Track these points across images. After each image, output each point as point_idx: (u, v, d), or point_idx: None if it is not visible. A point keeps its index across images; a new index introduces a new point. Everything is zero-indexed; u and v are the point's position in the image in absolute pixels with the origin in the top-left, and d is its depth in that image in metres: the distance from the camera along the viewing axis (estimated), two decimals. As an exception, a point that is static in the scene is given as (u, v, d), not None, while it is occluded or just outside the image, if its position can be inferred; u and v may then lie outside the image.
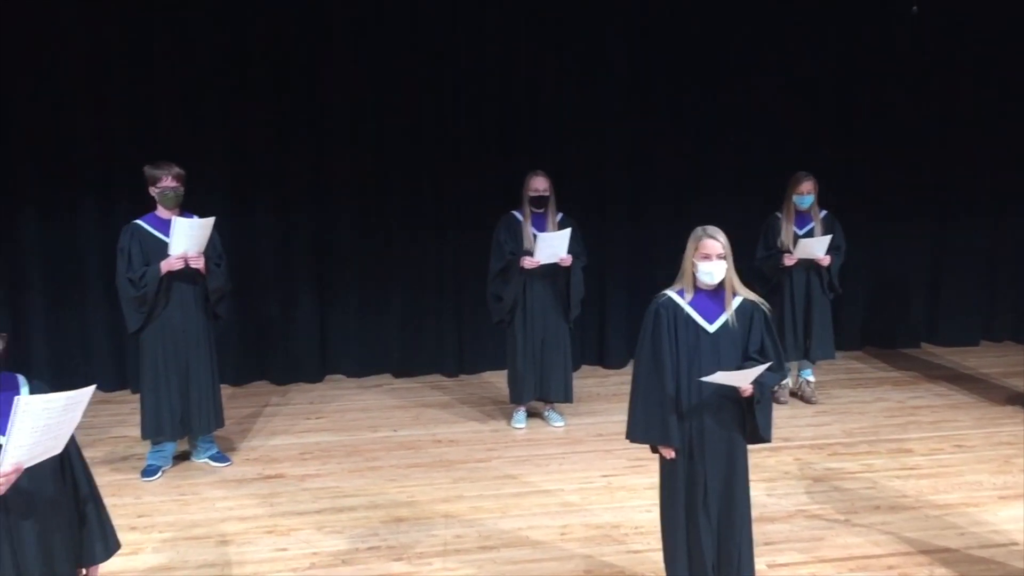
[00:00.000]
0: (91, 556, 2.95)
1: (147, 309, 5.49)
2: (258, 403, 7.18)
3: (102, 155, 7.14)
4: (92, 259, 7.20)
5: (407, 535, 4.93)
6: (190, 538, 4.90)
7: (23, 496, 2.66)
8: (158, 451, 5.77)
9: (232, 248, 6.21)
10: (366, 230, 7.62)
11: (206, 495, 5.46)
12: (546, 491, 5.48)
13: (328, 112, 7.43)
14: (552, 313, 6.40)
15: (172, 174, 5.47)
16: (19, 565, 2.68)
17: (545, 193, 6.28)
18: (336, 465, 5.92)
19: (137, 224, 5.52)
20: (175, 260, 5.41)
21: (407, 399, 7.26)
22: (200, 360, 5.66)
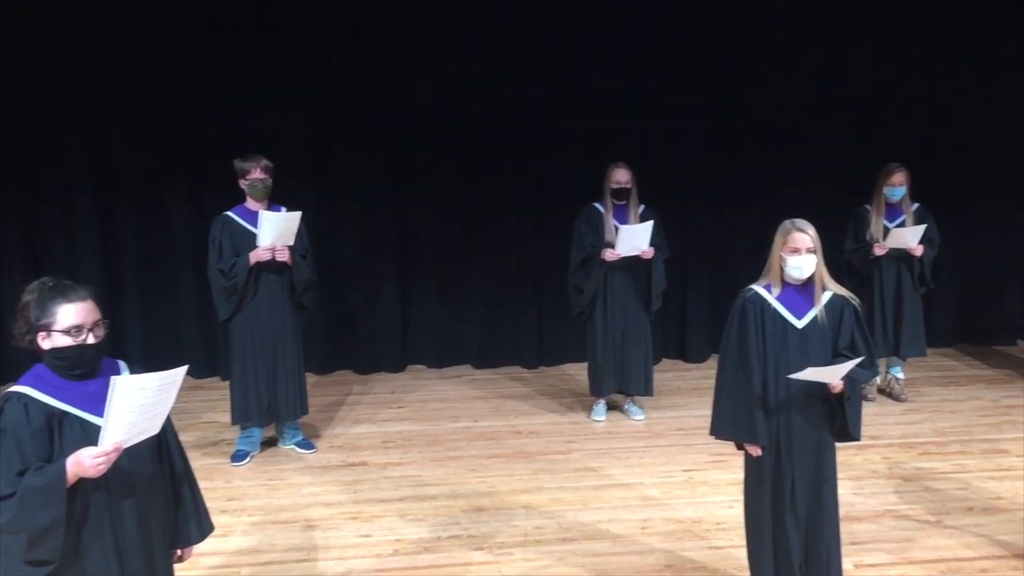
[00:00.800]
0: (186, 537, 3.05)
1: (236, 299, 5.64)
2: (341, 392, 7.31)
3: (195, 149, 7.34)
4: (184, 249, 7.42)
5: (488, 525, 4.97)
6: (277, 522, 5.02)
7: (123, 476, 2.76)
8: (247, 437, 5.92)
9: (317, 240, 6.32)
10: (448, 222, 7.68)
11: (292, 480, 5.59)
12: (626, 484, 5.46)
13: (410, 105, 7.50)
14: (633, 306, 6.36)
15: (260, 166, 5.59)
16: (119, 543, 2.78)
17: (627, 185, 6.24)
18: (417, 454, 6.00)
19: (227, 216, 5.67)
20: (263, 251, 5.54)
21: (487, 390, 7.30)
22: (287, 349, 5.78)
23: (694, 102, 7.64)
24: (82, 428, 2.72)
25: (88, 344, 2.77)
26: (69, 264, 7.12)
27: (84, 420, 2.73)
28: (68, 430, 2.72)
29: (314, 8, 7.25)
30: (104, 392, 2.70)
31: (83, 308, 2.78)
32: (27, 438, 2.65)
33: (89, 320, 2.78)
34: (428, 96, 7.50)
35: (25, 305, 2.80)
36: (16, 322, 2.81)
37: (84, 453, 2.60)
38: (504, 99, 7.54)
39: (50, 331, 2.75)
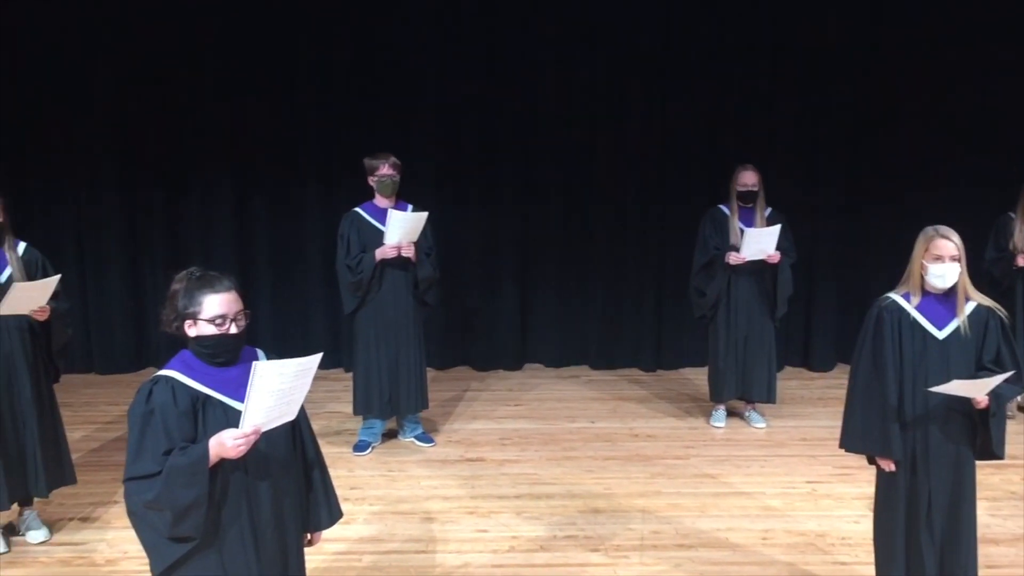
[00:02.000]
0: (316, 522, 3.14)
1: (362, 294, 5.78)
2: (459, 387, 7.40)
3: (325, 148, 7.56)
4: (313, 243, 7.65)
5: (604, 527, 4.95)
6: (397, 513, 5.13)
7: (260, 458, 2.86)
8: (368, 428, 6.07)
9: (441, 238, 6.41)
10: (569, 223, 7.68)
11: (412, 473, 5.69)
12: (746, 493, 5.35)
13: (536, 109, 7.54)
14: (757, 310, 6.22)
15: (389, 163, 5.72)
16: (255, 524, 2.88)
17: (754, 188, 6.10)
18: (534, 452, 6.02)
19: (356, 212, 5.81)
20: (389, 249, 5.66)
21: (604, 391, 7.27)
22: (409, 344, 5.90)
23: (825, 102, 7.42)
24: (224, 412, 2.84)
25: (230, 333, 2.88)
26: (206, 256, 7.44)
27: (226, 404, 2.85)
28: (211, 413, 2.83)
29: (444, 12, 7.36)
30: (244, 379, 2.81)
31: (227, 299, 2.89)
32: (173, 419, 2.78)
33: (232, 310, 2.89)
34: (553, 97, 7.52)
35: (174, 294, 2.93)
36: (165, 309, 2.95)
37: (226, 435, 2.71)
38: (629, 100, 7.49)
39: (196, 319, 2.87)
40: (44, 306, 4.56)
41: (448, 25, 7.43)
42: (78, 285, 7.48)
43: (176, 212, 7.72)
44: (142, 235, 7.74)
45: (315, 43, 7.45)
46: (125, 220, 7.69)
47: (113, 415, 6.77)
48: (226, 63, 7.47)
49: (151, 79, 7.43)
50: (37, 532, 4.83)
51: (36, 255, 4.74)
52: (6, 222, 4.58)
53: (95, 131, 7.51)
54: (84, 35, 7.36)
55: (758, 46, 7.42)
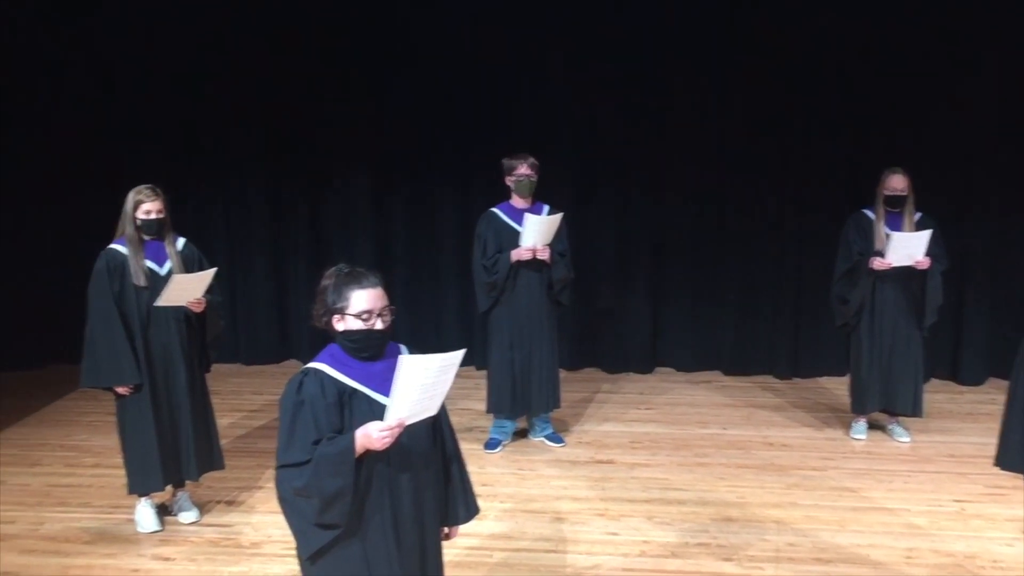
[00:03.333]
0: (454, 516, 3.20)
1: (496, 293, 5.85)
2: (590, 389, 7.39)
3: (463, 146, 7.69)
4: (448, 242, 7.79)
5: (737, 536, 4.85)
6: (527, 511, 5.16)
7: (402, 451, 2.93)
8: (500, 426, 6.13)
9: (575, 238, 6.42)
10: (704, 224, 7.56)
11: (542, 472, 5.72)
12: (888, 509, 5.14)
13: (671, 108, 7.46)
14: (903, 319, 5.97)
15: (527, 163, 5.77)
16: (396, 515, 2.95)
17: (903, 193, 5.85)
18: (665, 457, 5.96)
19: (493, 212, 5.89)
20: (524, 251, 5.71)
21: (737, 398, 7.12)
22: (542, 343, 5.93)
23: (983, 99, 7.04)
24: (369, 405, 2.92)
25: (376, 329, 2.96)
26: (345, 254, 7.67)
27: (371, 398, 2.93)
28: (357, 406, 2.92)
29: (587, 13, 7.38)
30: (389, 373, 2.89)
31: (374, 294, 2.97)
32: (322, 411, 2.88)
33: (378, 306, 2.97)
34: (687, 99, 7.42)
35: (323, 289, 3.03)
36: (315, 304, 3.05)
37: (372, 427, 2.79)
38: (767, 101, 7.31)
39: (343, 314, 2.96)
40: (200, 298, 4.81)
41: (586, 28, 7.42)
42: (227, 280, 7.85)
43: (317, 211, 8.00)
44: (285, 233, 8.06)
45: (450, 43, 7.58)
46: (270, 219, 8.02)
47: (258, 404, 7.07)
48: (365, 64, 7.69)
49: (293, 82, 7.72)
50: (188, 513, 5.09)
51: (194, 251, 5.01)
52: (167, 219, 4.85)
53: (243, 134, 7.85)
54: (231, 42, 7.71)
55: (905, 47, 7.11)
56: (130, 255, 4.74)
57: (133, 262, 4.74)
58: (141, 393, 4.81)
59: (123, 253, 4.75)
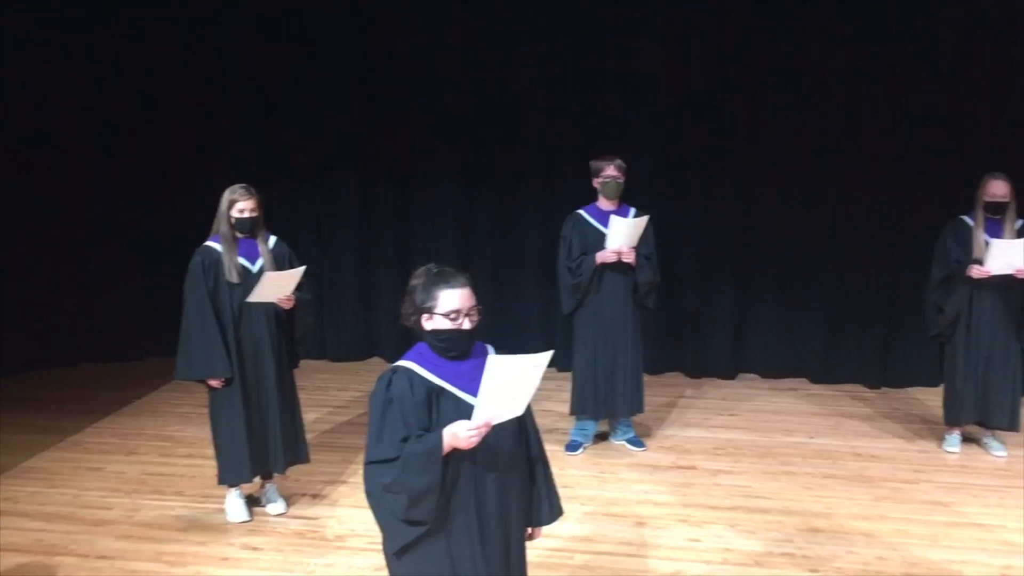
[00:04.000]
0: (538, 517, 3.20)
1: (581, 296, 5.84)
2: (672, 393, 7.32)
3: (547, 148, 7.70)
4: (532, 242, 7.82)
5: (823, 547, 4.74)
6: (608, 514, 5.14)
7: (488, 451, 2.95)
8: (581, 428, 6.12)
9: (660, 241, 6.37)
10: (792, 228, 7.42)
11: (623, 476, 5.70)
12: (983, 525, 4.97)
13: (763, 109, 7.34)
14: (1001, 330, 5.76)
15: (615, 165, 5.75)
16: (481, 514, 2.97)
17: (1004, 199, 5.65)
18: (749, 464, 5.87)
19: (579, 214, 5.88)
20: (609, 254, 5.69)
21: (824, 406, 6.97)
22: (627, 346, 5.90)
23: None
24: (455, 404, 2.95)
25: (464, 328, 2.99)
26: (431, 253, 7.75)
27: (458, 397, 2.96)
28: (444, 405, 2.95)
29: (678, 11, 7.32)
30: (476, 373, 2.91)
31: (462, 294, 3.00)
32: (411, 408, 2.92)
33: (466, 306, 2.99)
34: (781, 98, 7.30)
35: (412, 288, 3.07)
36: (404, 303, 3.09)
37: (459, 426, 2.82)
38: (861, 105, 7.14)
39: (432, 313, 2.99)
40: (290, 295, 4.92)
41: (676, 27, 7.37)
42: (315, 278, 8.00)
43: (404, 211, 8.11)
44: (373, 233, 8.19)
45: (538, 42, 7.60)
46: (357, 218, 8.17)
47: (343, 400, 7.20)
48: (454, 64, 7.77)
49: (385, 83, 7.84)
50: (276, 504, 5.22)
51: (285, 248, 5.13)
52: (260, 217, 4.98)
53: (334, 136, 8.01)
54: (322, 44, 7.87)
55: (1009, 49, 6.87)
56: (224, 252, 4.88)
57: (227, 259, 4.88)
58: (232, 386, 4.94)
59: (218, 250, 4.89)
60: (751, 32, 7.27)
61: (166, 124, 8.01)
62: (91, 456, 6.07)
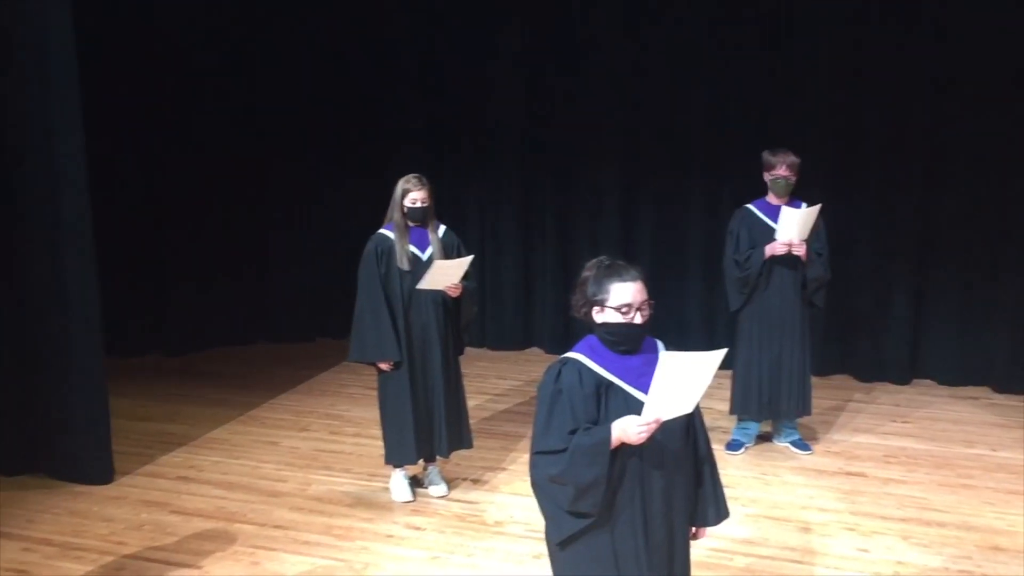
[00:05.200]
0: (703, 517, 3.14)
1: (748, 291, 5.70)
2: (840, 397, 7.03)
3: (713, 140, 7.55)
4: (695, 237, 7.69)
5: (1007, 567, 4.46)
6: (772, 518, 5.00)
7: (655, 448, 2.92)
8: (743, 428, 5.98)
9: (832, 236, 6.13)
10: (976, 223, 7.00)
11: (787, 479, 5.53)
12: None
13: (944, 98, 6.95)
14: None
15: (787, 163, 5.56)
16: (646, 510, 2.95)
17: None
18: (923, 475, 5.57)
19: (748, 208, 5.74)
20: (780, 245, 5.52)
21: (1010, 418, 6.53)
22: (794, 345, 5.71)
23: None
24: (624, 399, 2.93)
25: (635, 322, 2.96)
26: (594, 246, 7.75)
27: (627, 392, 2.94)
28: (613, 399, 2.94)
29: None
30: (646, 368, 2.89)
31: (634, 288, 2.97)
32: (579, 400, 2.92)
33: (638, 300, 2.96)
34: (961, 92, 6.89)
35: (584, 280, 3.06)
36: (575, 295, 3.09)
37: (629, 421, 2.80)
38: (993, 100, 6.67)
39: (603, 307, 2.98)
40: (457, 284, 5.03)
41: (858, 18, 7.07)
42: (477, 268, 8.15)
43: (567, 204, 8.13)
44: (535, 224, 8.25)
45: (702, 35, 7.46)
46: (521, 210, 8.25)
47: (502, 388, 7.31)
48: (615, 58, 7.71)
49: (546, 73, 7.90)
50: (438, 487, 5.35)
51: (453, 238, 5.25)
52: (431, 207, 5.11)
53: (500, 128, 8.12)
54: (500, 34, 7.99)
55: None
56: (396, 240, 5.04)
57: (399, 247, 5.03)
58: (400, 370, 5.10)
59: (390, 238, 5.06)
60: (944, 28, 6.86)
61: (340, 115, 8.32)
62: (267, 431, 6.41)
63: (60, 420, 5.47)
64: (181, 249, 8.07)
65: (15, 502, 5.23)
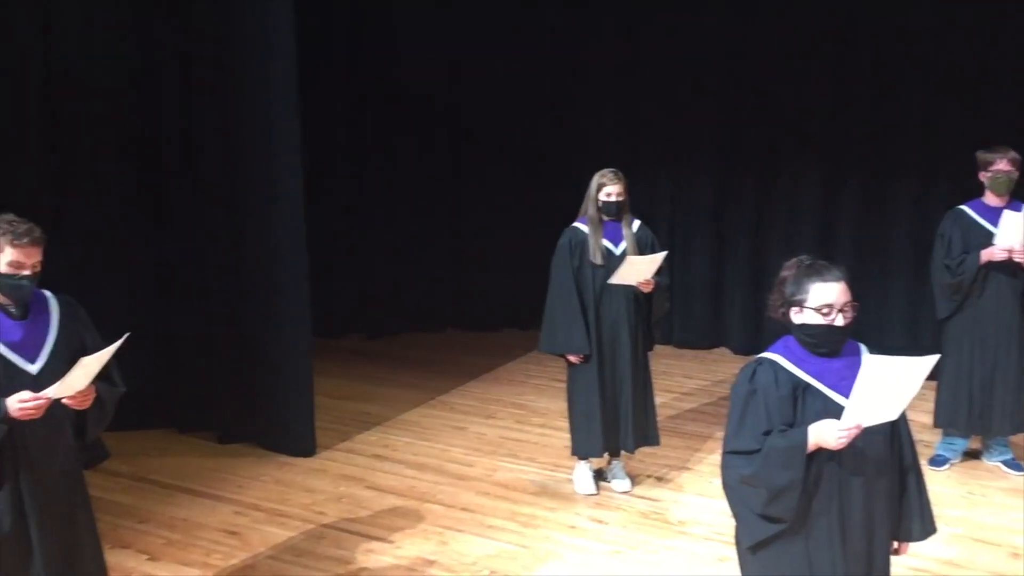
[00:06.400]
0: (907, 531, 2.99)
1: (959, 298, 5.35)
2: (1060, 415, 6.48)
3: (920, 141, 7.15)
4: (900, 240, 7.30)
5: None
6: (979, 540, 4.69)
7: (856, 454, 2.80)
8: (949, 443, 5.63)
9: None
10: None
11: (996, 500, 5.16)
12: None
13: None
14: None
15: (1007, 158, 5.19)
16: (843, 520, 2.82)
17: None
18: None
19: (961, 210, 5.38)
20: (998, 251, 5.15)
21: None
22: (1010, 358, 5.31)
23: None
24: (823, 402, 2.83)
25: (836, 324, 2.85)
26: (788, 244, 7.48)
27: (826, 395, 2.84)
28: (811, 402, 2.85)
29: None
30: (847, 371, 2.79)
31: (836, 288, 2.86)
32: (774, 402, 2.85)
33: (840, 301, 2.85)
34: None
35: (783, 280, 2.97)
36: (773, 294, 3.01)
37: (828, 425, 2.71)
38: None
39: (802, 307, 2.89)
40: (649, 279, 5.00)
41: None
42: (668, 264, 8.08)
43: (762, 200, 7.91)
44: (727, 220, 8.08)
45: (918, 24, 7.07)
46: (715, 205, 8.10)
47: (688, 387, 7.21)
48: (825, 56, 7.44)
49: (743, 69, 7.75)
50: (622, 482, 5.35)
51: (648, 233, 5.23)
52: (626, 202, 5.11)
53: (692, 123, 8.00)
54: (696, 29, 7.87)
55: None
56: (590, 234, 5.08)
57: (592, 240, 5.07)
58: (590, 363, 5.14)
59: (584, 231, 5.10)
60: None
61: (533, 112, 8.44)
62: (455, 415, 6.61)
63: (270, 395, 5.88)
64: (383, 239, 8.44)
65: (229, 468, 5.66)
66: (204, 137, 5.95)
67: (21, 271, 3.12)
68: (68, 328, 3.31)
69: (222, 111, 5.85)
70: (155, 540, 4.78)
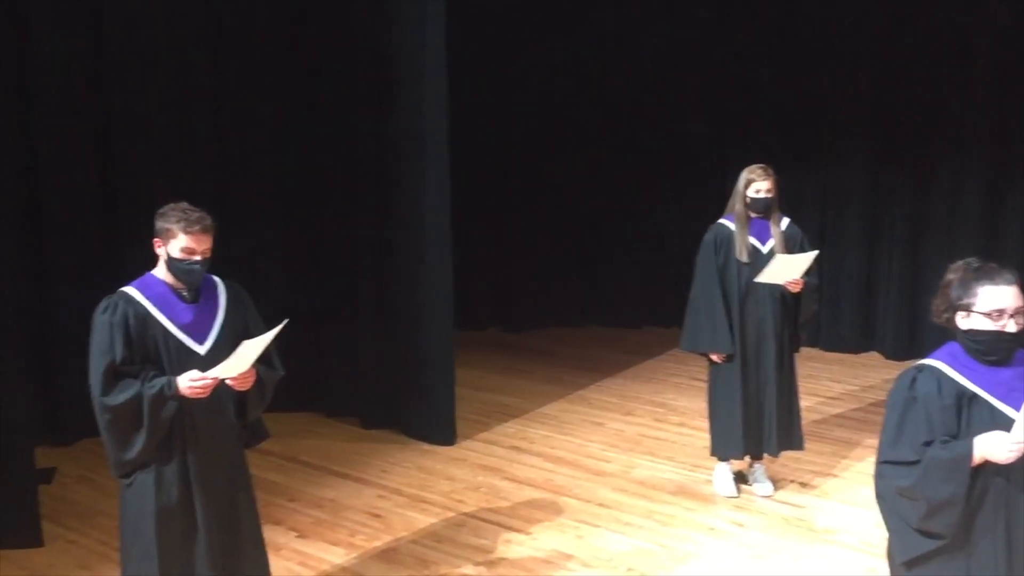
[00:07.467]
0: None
1: None
2: None
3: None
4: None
5: None
6: None
7: (1023, 470, 2.66)
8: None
9: None
10: None
11: None
12: None
13: None
14: None
15: None
16: (1010, 539, 2.67)
17: None
18: None
19: None
20: None
21: None
22: None
23: None
24: (990, 413, 2.68)
25: (1006, 331, 2.70)
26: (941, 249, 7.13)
27: (994, 406, 2.69)
28: (976, 412, 2.70)
29: None
30: (1017, 382, 2.66)
31: (1008, 293, 2.71)
32: (936, 411, 2.71)
33: (1012, 306, 2.69)
34: None
35: (947, 283, 2.83)
36: (937, 298, 2.87)
37: (996, 437, 2.56)
38: None
39: (969, 311, 2.74)
40: (798, 279, 4.84)
41: None
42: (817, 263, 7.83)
43: (919, 196, 7.57)
44: (882, 221, 7.76)
45: None
46: (866, 205, 7.80)
47: (835, 392, 6.96)
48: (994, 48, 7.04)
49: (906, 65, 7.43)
50: (763, 486, 5.22)
51: (797, 231, 5.07)
52: (776, 199, 4.97)
53: (845, 123, 7.74)
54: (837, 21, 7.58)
55: None
56: (736, 231, 4.96)
57: (738, 238, 4.95)
58: (733, 363, 5.02)
59: (730, 228, 4.99)
60: None
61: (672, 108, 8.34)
62: (593, 411, 6.61)
63: (414, 384, 6.04)
64: (527, 235, 8.52)
65: (373, 453, 5.85)
66: (358, 134, 6.15)
67: (192, 256, 3.31)
68: (234, 313, 3.49)
69: (376, 108, 6.03)
70: (304, 519, 4.99)
